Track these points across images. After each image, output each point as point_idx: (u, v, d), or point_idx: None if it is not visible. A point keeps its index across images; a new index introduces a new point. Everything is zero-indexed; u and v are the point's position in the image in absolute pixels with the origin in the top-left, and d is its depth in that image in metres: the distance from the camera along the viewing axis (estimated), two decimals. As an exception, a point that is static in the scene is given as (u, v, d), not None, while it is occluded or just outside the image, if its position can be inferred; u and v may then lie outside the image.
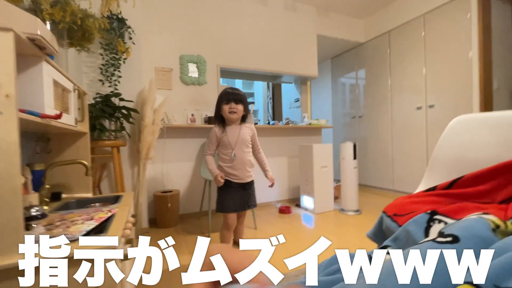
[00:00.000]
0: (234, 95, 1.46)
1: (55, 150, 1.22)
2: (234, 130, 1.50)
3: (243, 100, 1.50)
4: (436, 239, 0.41)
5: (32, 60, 0.72)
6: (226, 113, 1.46)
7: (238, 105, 1.46)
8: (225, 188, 1.51)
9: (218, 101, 1.50)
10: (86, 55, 2.00)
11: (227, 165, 1.50)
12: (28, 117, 0.63)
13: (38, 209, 0.89)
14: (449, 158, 1.13)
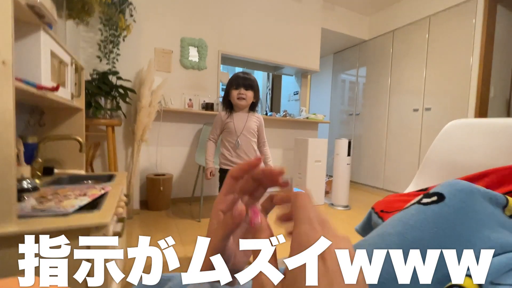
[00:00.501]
0: (245, 79, 1.37)
1: (49, 124, 1.20)
2: (241, 117, 1.43)
3: (254, 86, 1.40)
4: (422, 200, 0.39)
5: (30, 28, 0.69)
6: (235, 99, 1.38)
7: (248, 91, 1.38)
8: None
9: (228, 85, 1.41)
10: (84, 29, 1.94)
11: (230, 153, 1.43)
12: (24, 86, 0.62)
13: (30, 182, 0.89)
14: (441, 161, 1.15)
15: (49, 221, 0.62)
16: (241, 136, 1.43)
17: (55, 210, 0.66)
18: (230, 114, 1.44)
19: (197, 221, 2.13)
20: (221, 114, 1.46)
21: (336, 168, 2.74)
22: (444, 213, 0.35)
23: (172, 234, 1.85)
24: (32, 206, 0.68)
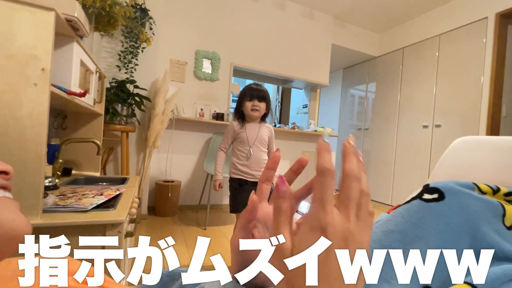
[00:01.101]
0: (258, 91, 1.39)
1: (70, 127, 1.27)
2: (253, 128, 1.45)
3: (267, 98, 1.43)
4: (423, 195, 0.40)
5: (65, 40, 0.77)
6: (248, 110, 1.40)
7: (261, 103, 1.40)
8: (239, 187, 1.45)
9: (241, 96, 1.43)
10: (106, 40, 2.06)
11: (241, 163, 1.44)
12: (57, 91, 0.68)
13: (51, 180, 0.94)
14: (448, 177, 1.15)
15: (70, 216, 0.66)
16: (253, 146, 1.45)
17: (75, 206, 0.70)
18: (243, 125, 1.46)
19: (203, 229, 2.14)
20: (233, 124, 1.48)
21: (344, 182, 2.73)
22: (444, 212, 0.36)
23: (177, 240, 1.87)
24: (54, 202, 0.73)
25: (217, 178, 1.50)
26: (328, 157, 0.21)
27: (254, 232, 0.28)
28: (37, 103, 0.60)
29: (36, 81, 0.60)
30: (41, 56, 0.60)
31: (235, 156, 1.49)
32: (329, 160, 0.21)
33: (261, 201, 0.29)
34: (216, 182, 1.50)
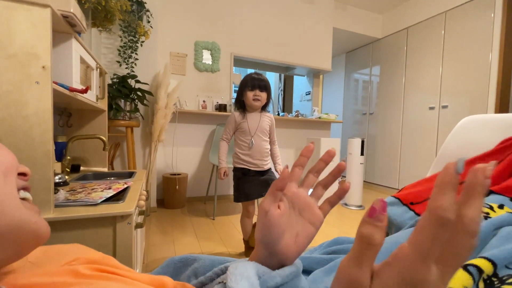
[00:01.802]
0: (259, 81, 1.38)
1: (76, 125, 1.29)
2: (254, 117, 1.45)
3: (268, 87, 1.42)
4: None
5: (64, 37, 0.77)
6: (250, 100, 1.39)
7: (263, 93, 1.39)
8: (242, 177, 1.47)
9: (242, 86, 1.42)
10: (105, 36, 2.06)
11: (244, 152, 1.46)
12: (59, 88, 0.69)
13: (61, 177, 0.97)
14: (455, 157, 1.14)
15: (81, 209, 0.68)
16: (255, 136, 1.45)
17: (86, 200, 0.72)
18: (244, 115, 1.46)
19: (212, 219, 2.18)
20: (234, 114, 1.47)
21: (349, 167, 2.73)
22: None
23: (187, 231, 1.91)
24: (65, 197, 0.75)
25: (221, 167, 1.51)
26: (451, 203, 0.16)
27: (281, 204, 0.30)
28: (41, 101, 0.61)
29: (38, 79, 0.61)
30: (41, 53, 0.61)
31: (237, 146, 1.50)
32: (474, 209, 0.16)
33: (291, 180, 0.31)
34: (221, 170, 1.51)
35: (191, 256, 0.45)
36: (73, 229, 0.67)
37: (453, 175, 0.16)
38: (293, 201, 0.31)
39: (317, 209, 0.31)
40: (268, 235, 0.28)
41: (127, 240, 0.72)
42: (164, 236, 1.81)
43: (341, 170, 0.30)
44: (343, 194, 0.31)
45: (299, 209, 0.31)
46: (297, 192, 0.31)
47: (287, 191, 0.31)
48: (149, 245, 1.67)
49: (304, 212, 0.31)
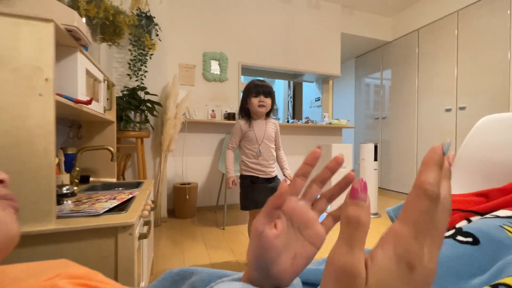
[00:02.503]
0: (263, 87, 1.36)
1: (85, 137, 1.32)
2: (260, 125, 1.43)
3: (272, 93, 1.40)
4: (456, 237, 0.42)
5: (69, 50, 0.79)
6: (255, 107, 1.37)
7: (267, 99, 1.37)
8: (250, 184, 1.44)
9: (246, 93, 1.41)
10: (116, 51, 2.13)
11: (252, 161, 1.43)
12: (63, 100, 0.70)
13: (68, 188, 0.98)
14: (474, 159, 1.07)
15: (83, 220, 0.68)
16: (262, 144, 1.43)
17: (88, 211, 0.72)
18: (250, 123, 1.44)
19: (222, 229, 2.15)
20: (240, 123, 1.45)
21: (363, 173, 2.63)
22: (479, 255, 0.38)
23: (197, 241, 1.89)
24: (69, 209, 0.75)
25: (229, 176, 1.48)
26: (437, 180, 0.17)
27: (277, 222, 0.26)
28: (44, 112, 0.62)
29: (41, 91, 0.62)
30: (44, 66, 0.62)
31: (244, 154, 1.47)
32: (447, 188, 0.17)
33: (291, 194, 0.27)
34: (229, 180, 1.48)
35: (189, 269, 0.42)
36: (75, 240, 0.66)
37: (440, 155, 0.17)
38: (292, 218, 0.27)
39: (319, 226, 0.27)
40: (262, 258, 0.25)
41: (129, 251, 0.70)
42: (173, 247, 1.80)
43: (349, 182, 0.26)
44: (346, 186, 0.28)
45: (299, 226, 0.27)
46: (297, 207, 0.27)
47: (285, 207, 0.27)
48: (158, 255, 1.66)
49: (304, 230, 0.27)
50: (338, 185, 0.28)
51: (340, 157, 0.27)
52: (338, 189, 0.28)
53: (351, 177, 0.26)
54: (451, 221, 0.80)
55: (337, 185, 0.28)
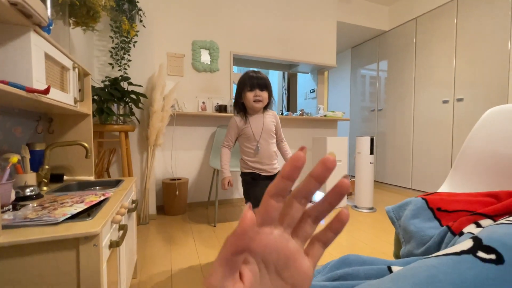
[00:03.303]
0: (258, 79, 1.25)
1: (58, 131, 1.20)
2: (257, 120, 1.32)
3: (268, 85, 1.29)
4: (477, 253, 0.36)
5: (18, 29, 0.67)
6: (251, 102, 1.26)
7: (263, 92, 1.26)
8: (251, 181, 1.35)
9: (240, 87, 1.29)
10: (97, 38, 1.98)
11: (251, 159, 1.34)
12: (9, 88, 0.58)
13: (33, 189, 0.87)
14: (479, 152, 0.99)
15: (36, 231, 0.58)
16: (260, 140, 1.32)
17: (44, 219, 0.62)
18: (246, 119, 1.32)
19: (213, 226, 2.07)
20: (235, 119, 1.34)
21: (359, 167, 2.57)
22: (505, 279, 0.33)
23: (187, 240, 1.81)
24: (25, 215, 0.65)
25: (224, 176, 1.35)
26: None
27: (244, 271, 0.19)
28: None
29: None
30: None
31: (243, 153, 1.37)
32: None
33: (262, 224, 0.19)
34: (224, 181, 1.34)
35: None
36: (26, 254, 0.56)
37: None
38: (265, 258, 0.19)
39: (304, 260, 0.20)
40: None
41: (94, 264, 0.61)
42: (161, 246, 1.71)
43: (342, 193, 0.19)
44: (341, 227, 0.20)
45: (276, 268, 0.19)
46: (271, 242, 0.19)
47: (255, 245, 0.19)
48: (145, 255, 1.57)
49: (284, 270, 0.19)
50: (327, 200, 0.20)
51: (330, 159, 0.18)
52: (328, 205, 0.20)
53: (344, 186, 0.19)
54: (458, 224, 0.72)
55: (326, 200, 0.20)
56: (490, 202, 0.78)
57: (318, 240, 0.20)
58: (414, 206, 0.86)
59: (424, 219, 0.81)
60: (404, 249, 0.80)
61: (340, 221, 0.19)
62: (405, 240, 0.82)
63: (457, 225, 0.69)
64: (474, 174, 0.97)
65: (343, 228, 0.20)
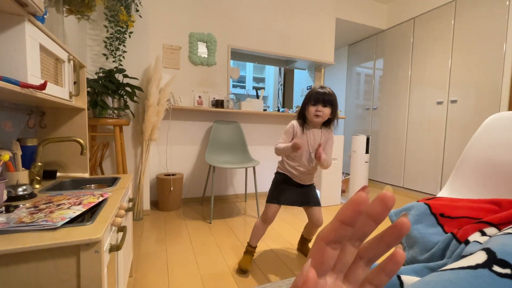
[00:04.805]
0: (324, 95, 1.28)
1: (50, 126, 1.14)
2: (314, 133, 1.36)
3: (333, 102, 1.30)
4: (492, 267, 0.35)
5: (12, 19, 0.61)
6: (311, 115, 1.31)
7: (326, 108, 1.29)
8: (281, 181, 1.40)
9: (306, 100, 1.34)
10: (90, 27, 1.89)
11: (291, 163, 1.38)
12: (2, 84, 0.54)
13: (25, 188, 0.83)
14: (479, 159, 1.01)
15: (33, 237, 0.54)
16: (307, 151, 1.35)
17: (42, 223, 0.58)
18: (303, 129, 1.35)
19: (208, 223, 2.06)
20: (294, 124, 1.37)
21: (353, 166, 2.59)
22: None
23: (182, 237, 1.79)
24: (19, 218, 0.61)
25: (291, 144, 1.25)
26: None
27: None
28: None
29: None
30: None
31: (286, 156, 1.40)
32: None
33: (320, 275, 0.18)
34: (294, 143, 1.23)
35: None
36: (23, 262, 0.53)
37: None
38: None
39: None
40: None
41: (95, 272, 0.58)
42: (156, 243, 1.68)
43: (402, 234, 0.17)
44: (395, 269, 0.18)
45: None
46: None
47: None
48: (140, 253, 1.54)
49: None
50: (383, 240, 0.18)
51: (388, 196, 0.17)
52: (384, 246, 0.18)
53: (405, 227, 0.17)
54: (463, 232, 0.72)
55: (381, 240, 0.18)
56: (492, 210, 0.79)
57: (370, 283, 0.19)
58: (417, 211, 0.87)
59: (428, 225, 0.82)
60: (407, 254, 0.81)
61: (395, 263, 0.18)
62: (408, 245, 0.83)
63: (462, 233, 0.70)
64: (474, 180, 0.99)
65: (398, 270, 0.18)
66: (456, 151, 2.69)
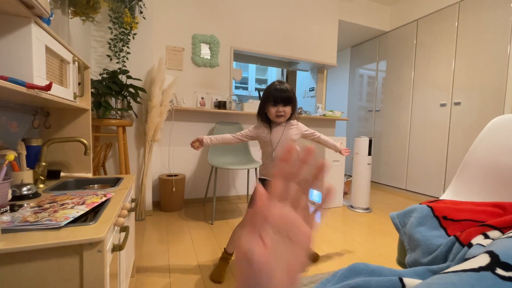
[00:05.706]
0: (282, 92, 1.25)
1: (55, 126, 1.15)
2: (277, 130, 1.34)
3: (292, 99, 1.28)
4: (496, 270, 0.35)
5: (19, 21, 0.63)
6: (273, 116, 1.29)
7: (287, 107, 1.27)
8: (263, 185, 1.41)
9: (264, 100, 1.30)
10: (95, 28, 1.91)
11: (268, 165, 1.36)
12: (9, 85, 0.55)
13: (30, 188, 0.84)
14: (483, 162, 1.00)
15: (37, 236, 0.55)
16: (277, 148, 1.34)
17: (46, 222, 0.59)
18: (269, 128, 1.34)
19: (210, 224, 2.06)
20: (259, 128, 1.36)
21: (356, 168, 2.58)
22: None
23: (184, 238, 1.79)
24: (24, 218, 0.62)
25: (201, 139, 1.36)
26: None
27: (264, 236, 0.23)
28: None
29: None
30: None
31: (262, 155, 1.41)
32: None
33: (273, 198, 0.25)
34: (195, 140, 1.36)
35: None
36: (26, 260, 0.53)
37: None
38: (278, 226, 0.24)
39: (304, 225, 0.25)
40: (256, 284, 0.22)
41: (98, 271, 0.59)
42: (158, 244, 1.69)
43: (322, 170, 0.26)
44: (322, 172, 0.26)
45: (287, 233, 0.24)
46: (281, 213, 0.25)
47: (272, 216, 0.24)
48: (142, 253, 1.55)
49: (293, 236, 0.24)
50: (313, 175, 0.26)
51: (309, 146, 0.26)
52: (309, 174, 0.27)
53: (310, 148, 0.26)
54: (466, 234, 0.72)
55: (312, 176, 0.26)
56: (495, 213, 0.78)
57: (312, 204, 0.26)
58: (419, 214, 0.86)
59: (430, 228, 0.82)
60: (410, 257, 0.80)
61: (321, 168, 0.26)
62: (411, 247, 0.82)
63: (465, 236, 0.69)
64: (477, 183, 0.98)
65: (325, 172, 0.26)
66: (460, 154, 2.67)
